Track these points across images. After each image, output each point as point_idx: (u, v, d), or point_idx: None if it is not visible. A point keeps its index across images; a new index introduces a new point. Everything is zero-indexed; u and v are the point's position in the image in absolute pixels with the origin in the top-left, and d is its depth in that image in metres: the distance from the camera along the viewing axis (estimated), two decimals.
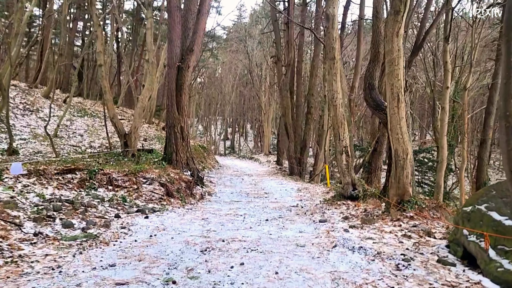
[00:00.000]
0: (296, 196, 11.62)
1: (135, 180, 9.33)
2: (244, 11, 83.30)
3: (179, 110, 10.88)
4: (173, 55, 10.90)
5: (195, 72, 36.48)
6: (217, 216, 8.09)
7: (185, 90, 10.84)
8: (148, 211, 8.15)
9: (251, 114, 59.97)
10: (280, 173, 22.03)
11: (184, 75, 10.83)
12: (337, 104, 8.33)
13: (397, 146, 6.50)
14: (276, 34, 20.83)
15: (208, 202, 10.36)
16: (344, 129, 8.46)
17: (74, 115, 23.20)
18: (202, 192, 11.05)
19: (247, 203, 10.30)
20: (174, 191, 9.67)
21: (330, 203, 8.72)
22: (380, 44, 11.32)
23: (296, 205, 9.74)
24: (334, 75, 8.25)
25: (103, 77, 13.29)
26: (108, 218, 7.23)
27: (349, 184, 8.56)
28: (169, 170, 10.69)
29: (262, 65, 43.70)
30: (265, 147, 40.88)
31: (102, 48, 13.44)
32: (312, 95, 20.84)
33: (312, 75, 20.67)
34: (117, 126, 13.48)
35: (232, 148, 61.14)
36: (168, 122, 11.09)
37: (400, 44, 6.43)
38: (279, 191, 13.21)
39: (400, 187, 6.59)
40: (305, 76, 34.15)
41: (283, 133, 23.11)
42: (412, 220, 6.25)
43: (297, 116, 21.76)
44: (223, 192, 12.68)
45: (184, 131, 11.02)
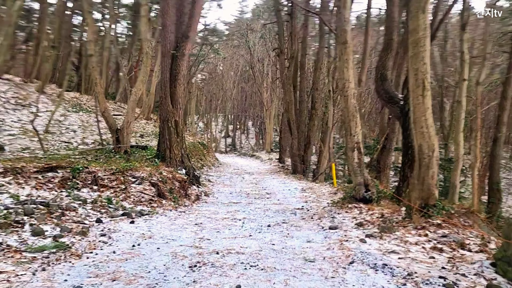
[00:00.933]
0: (300, 197, 10.70)
1: (123, 179, 8.42)
2: (246, 6, 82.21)
3: (173, 102, 9.95)
4: (166, 42, 9.97)
5: (194, 67, 35.54)
6: (212, 221, 7.17)
7: (180, 80, 9.91)
8: (135, 215, 7.24)
9: (252, 111, 58.99)
10: (282, 171, 21.11)
11: (179, 64, 9.90)
12: (349, 95, 7.39)
13: (421, 141, 5.56)
14: (279, 25, 19.85)
15: (204, 204, 9.45)
16: (356, 123, 7.52)
17: (68, 110, 22.31)
18: (198, 192, 10.14)
19: (247, 204, 9.38)
20: (166, 191, 8.76)
21: (339, 206, 7.79)
22: (393, 31, 10.38)
23: (301, 207, 8.81)
24: (346, 61, 7.31)
25: (93, 67, 12.37)
26: (87, 223, 6.32)
27: (361, 185, 7.63)
28: (162, 168, 9.77)
29: (264, 60, 42.72)
30: (267, 145, 39.95)
31: (93, 37, 12.52)
32: (317, 90, 19.88)
33: (317, 68, 19.71)
34: (108, 121, 12.57)
35: (234, 145, 60.22)
36: (161, 115, 10.17)
37: (427, 22, 5.49)
38: (281, 191, 12.29)
39: (424, 189, 5.65)
40: (309, 72, 33.14)
41: (285, 130, 22.19)
42: (440, 228, 5.32)
43: (301, 112, 20.81)
44: (222, 192, 11.77)
45: (179, 126, 10.10)
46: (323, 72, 24.51)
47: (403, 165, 9.46)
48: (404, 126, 9.55)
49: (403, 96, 9.82)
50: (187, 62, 10.23)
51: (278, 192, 12.01)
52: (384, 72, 10.17)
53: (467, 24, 12.24)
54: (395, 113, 9.88)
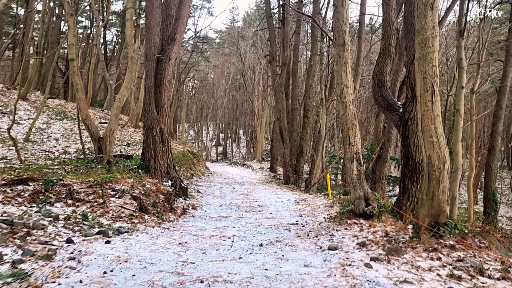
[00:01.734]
0: (294, 210, 10.05)
1: (101, 192, 7.70)
2: (237, 14, 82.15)
3: (158, 109, 9.30)
4: (151, 45, 9.33)
5: (184, 74, 34.92)
6: (199, 239, 6.49)
7: (165, 86, 9.27)
8: (113, 233, 6.53)
9: (244, 119, 58.43)
10: (274, 181, 20.47)
11: (164, 68, 9.26)
12: (347, 101, 6.81)
13: (431, 152, 4.98)
14: (271, 31, 19.36)
15: (191, 218, 8.75)
16: (356, 131, 6.94)
17: (52, 118, 21.49)
18: (185, 205, 9.44)
19: (237, 219, 8.71)
20: (149, 205, 8.06)
21: (338, 222, 7.17)
22: (391, 35, 9.89)
23: (296, 222, 8.17)
24: (344, 65, 6.75)
25: (74, 72, 11.67)
26: (55, 244, 5.59)
27: (361, 199, 7.02)
28: (146, 179, 9.07)
29: (255, 68, 42.31)
30: (258, 153, 39.33)
31: (74, 40, 11.84)
32: (309, 98, 19.37)
33: (309, 76, 19.22)
34: (90, 129, 11.86)
35: (225, 154, 59.52)
36: (146, 123, 9.50)
37: (436, 20, 4.95)
38: (274, 203, 11.64)
39: (434, 205, 5.06)
40: (301, 80, 32.74)
41: (277, 138, 21.63)
42: (453, 250, 4.72)
43: (293, 120, 20.29)
44: (211, 205, 11.08)
45: (164, 134, 9.42)
46: (315, 80, 24.09)
47: (404, 177, 8.90)
48: (404, 135, 9.01)
49: (402, 104, 9.30)
50: (173, 67, 9.59)
51: (270, 204, 11.36)
52: (382, 78, 9.66)
53: (464, 30, 11.82)
54: (394, 121, 9.35)
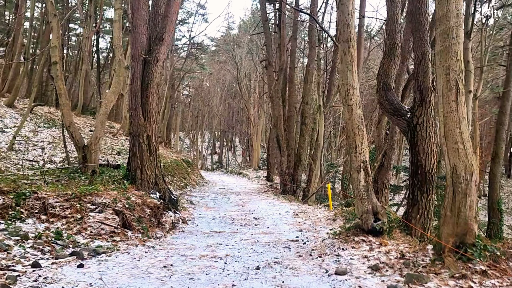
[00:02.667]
0: (293, 224, 9.29)
1: (79, 206, 6.91)
2: (233, 22, 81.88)
3: (145, 114, 8.55)
4: (137, 45, 8.61)
5: (178, 81, 34.21)
6: (187, 261, 5.70)
7: (152, 89, 8.53)
8: (89, 254, 5.73)
9: (240, 127, 57.71)
10: (271, 191, 19.69)
11: (151, 70, 8.53)
12: (353, 104, 6.10)
13: (455, 161, 4.27)
14: (267, 35, 18.74)
15: (180, 234, 7.96)
16: (363, 137, 6.23)
17: (39, 126, 20.66)
18: (174, 219, 8.64)
19: (231, 235, 7.93)
20: (133, 221, 7.27)
21: (343, 239, 6.41)
22: (396, 35, 9.24)
23: (296, 238, 7.40)
24: (350, 63, 6.06)
25: (58, 76, 10.93)
26: (18, 270, 4.80)
27: (369, 213, 6.28)
28: (131, 191, 8.29)
29: (251, 75, 41.75)
30: (254, 162, 38.59)
31: (58, 43, 11.11)
32: (307, 104, 18.71)
33: (307, 81, 18.57)
34: (74, 137, 11.09)
35: (220, 162, 58.70)
36: (132, 130, 8.75)
37: (460, 7, 4.28)
38: (271, 215, 10.87)
39: (460, 223, 4.33)
40: (298, 88, 32.12)
41: (273, 146, 20.93)
42: (486, 277, 3.98)
43: (290, 127, 19.59)
44: (203, 218, 10.29)
45: (152, 142, 8.66)
46: (313, 87, 23.47)
47: (412, 187, 8.18)
48: (412, 142, 8.31)
49: (409, 108, 8.62)
50: (161, 69, 8.88)
51: (267, 216, 10.59)
52: (387, 80, 8.99)
53: (471, 31, 11.23)
54: (401, 127, 8.65)
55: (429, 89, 8.11)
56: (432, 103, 8.29)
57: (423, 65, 8.23)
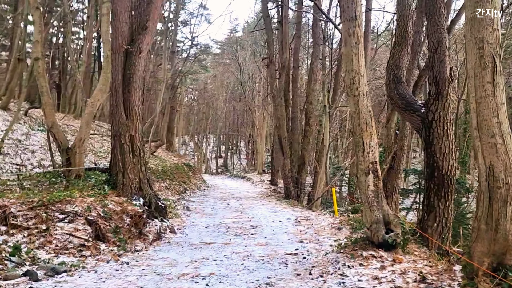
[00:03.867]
0: (294, 233, 8.33)
1: (45, 216, 6.03)
2: (237, 25, 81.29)
3: (128, 112, 7.67)
4: (118, 34, 7.75)
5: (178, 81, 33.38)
6: (162, 282, 4.79)
7: (135, 83, 7.65)
8: (46, 273, 4.84)
9: (245, 130, 56.80)
10: (274, 195, 18.72)
11: (134, 62, 7.66)
12: (360, 94, 5.17)
13: (493, 159, 3.33)
14: (268, 32, 17.85)
15: (165, 246, 7.04)
16: (371, 134, 5.28)
17: (33, 129, 19.91)
18: (161, 228, 7.73)
19: (222, 246, 7.00)
20: (109, 231, 6.37)
21: (349, 253, 5.44)
22: (408, 21, 8.28)
23: (295, 251, 6.45)
24: (355, 46, 5.13)
25: (39, 73, 10.11)
26: None
27: (379, 223, 5.32)
28: (111, 198, 7.41)
29: (255, 78, 40.92)
30: (259, 165, 37.63)
31: (40, 37, 10.31)
32: (311, 104, 17.76)
33: (311, 80, 17.65)
34: (57, 138, 10.25)
35: (225, 166, 57.81)
36: (112, 129, 7.88)
37: None
38: (271, 222, 9.92)
39: (499, 239, 3.38)
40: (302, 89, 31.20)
41: (277, 149, 19.97)
42: None
43: (293, 129, 18.66)
44: (196, 226, 9.38)
45: (135, 142, 7.77)
46: (317, 87, 22.54)
47: (428, 192, 7.21)
48: (428, 141, 7.34)
49: (424, 102, 7.65)
50: (146, 61, 8.03)
51: (266, 224, 9.64)
52: (398, 72, 8.02)
53: None
54: (414, 124, 7.68)
55: (446, 80, 7.15)
56: (450, 96, 7.32)
57: (439, 53, 7.27)
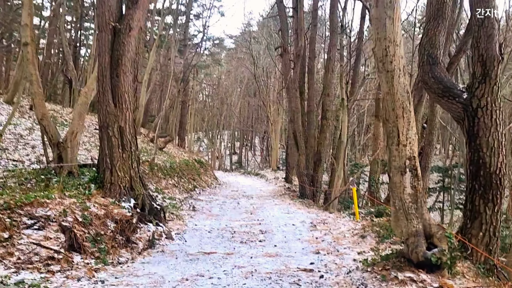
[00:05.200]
0: (309, 240, 7.18)
1: (9, 222, 5.03)
2: (251, 19, 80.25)
3: (116, 99, 6.64)
4: (104, 9, 6.69)
5: (194, 76, 32.46)
6: None
7: (125, 66, 6.60)
8: None
9: (259, 126, 55.62)
10: (288, 194, 17.58)
11: (123, 42, 6.61)
12: (395, 69, 3.99)
13: None
14: (282, 19, 16.66)
15: (156, 257, 5.98)
16: (409, 121, 4.10)
17: (37, 123, 19.22)
18: (154, 234, 6.69)
19: (223, 258, 5.90)
20: (87, 240, 5.34)
21: (379, 274, 4.28)
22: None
23: (310, 267, 5.31)
24: (389, 6, 3.93)
25: (28, 60, 9.19)
26: None
27: (419, 236, 4.14)
28: (96, 199, 6.39)
29: (270, 72, 39.72)
30: (273, 162, 36.50)
31: (29, 21, 9.37)
32: (328, 96, 16.51)
33: (328, 70, 16.41)
34: (48, 131, 9.35)
35: (240, 163, 56.85)
36: (100, 119, 6.86)
37: None
38: (283, 226, 8.79)
39: None
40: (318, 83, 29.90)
41: (292, 144, 18.81)
42: None
43: (309, 123, 17.43)
44: (198, 230, 8.31)
45: (126, 135, 6.73)
46: (336, 79, 21.26)
47: (472, 194, 5.96)
48: (471, 133, 6.09)
49: (466, 87, 6.39)
50: (137, 41, 6.94)
51: (277, 229, 8.52)
52: (433, 52, 6.76)
53: None
54: (454, 112, 6.41)
55: (495, 58, 5.88)
56: (500, 78, 6.05)
57: (486, 26, 5.99)
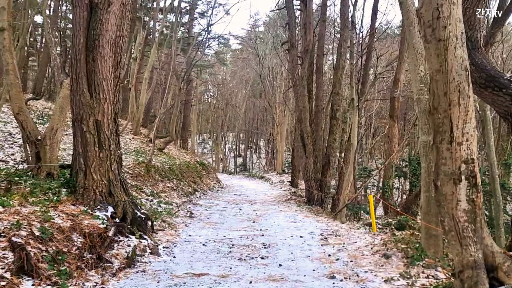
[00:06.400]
0: (320, 258, 6.04)
1: None
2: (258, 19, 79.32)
3: (93, 88, 5.54)
4: None
5: (197, 75, 31.41)
6: None
7: (102, 49, 5.49)
8: None
9: (265, 128, 54.53)
10: (294, 199, 16.43)
11: (101, 19, 5.53)
12: (450, 36, 2.89)
13: None
14: (290, 12, 15.58)
15: (134, 279, 4.88)
16: (467, 110, 2.98)
17: None
18: (137, 248, 5.58)
19: (216, 283, 4.79)
20: (45, 260, 4.25)
21: None
22: None
23: None
24: None
25: (5, 47, 8.16)
26: None
27: (478, 269, 3.01)
28: (64, 207, 5.31)
29: (276, 73, 38.63)
30: (278, 165, 35.33)
31: (8, 3, 8.37)
32: (338, 94, 15.38)
33: (338, 67, 15.27)
34: (25, 127, 8.27)
35: (244, 165, 55.72)
36: (73, 112, 5.78)
37: None
38: (289, 239, 7.66)
39: None
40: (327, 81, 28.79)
41: (298, 146, 17.68)
42: None
43: (317, 124, 16.31)
44: (191, 243, 7.20)
45: (104, 130, 5.62)
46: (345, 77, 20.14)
47: None
48: None
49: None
50: (118, 18, 5.85)
51: (282, 242, 7.39)
52: (473, 34, 5.62)
53: None
54: (500, 106, 5.26)
55: None
56: None
57: None
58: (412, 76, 5.19)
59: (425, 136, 5.13)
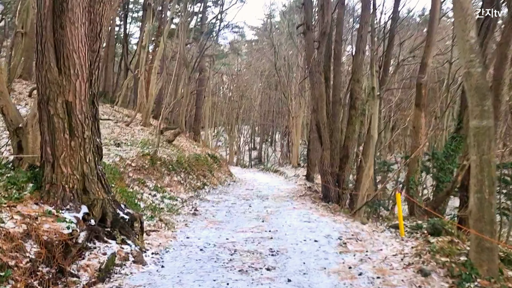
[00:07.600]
0: (339, 272, 4.95)
1: None
2: (274, 9, 77.73)
3: (61, 62, 4.57)
4: None
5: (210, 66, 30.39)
6: None
7: (72, 13, 4.39)
8: None
9: (281, 121, 53.30)
10: (309, 195, 15.30)
11: None
12: None
13: None
14: None
15: None
16: None
17: (27, 113, 17.56)
18: (116, 256, 4.59)
19: None
20: None
21: None
22: None
23: None
24: None
25: None
26: None
27: None
28: (25, 206, 4.34)
29: (292, 63, 37.37)
30: (294, 158, 34.22)
31: None
32: (358, 82, 14.14)
33: (358, 51, 14.00)
34: (5, 114, 7.36)
35: (260, 159, 54.70)
36: (39, 91, 4.80)
37: None
38: (301, 244, 6.58)
39: None
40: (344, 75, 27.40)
41: (314, 138, 16.53)
42: None
43: (334, 115, 15.11)
44: (187, 247, 6.20)
45: (76, 114, 4.61)
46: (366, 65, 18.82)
47: None
48: None
49: None
50: None
51: (293, 247, 6.32)
52: None
53: None
54: None
55: None
56: None
57: None
58: (460, 44, 4.06)
59: (477, 121, 4.00)
